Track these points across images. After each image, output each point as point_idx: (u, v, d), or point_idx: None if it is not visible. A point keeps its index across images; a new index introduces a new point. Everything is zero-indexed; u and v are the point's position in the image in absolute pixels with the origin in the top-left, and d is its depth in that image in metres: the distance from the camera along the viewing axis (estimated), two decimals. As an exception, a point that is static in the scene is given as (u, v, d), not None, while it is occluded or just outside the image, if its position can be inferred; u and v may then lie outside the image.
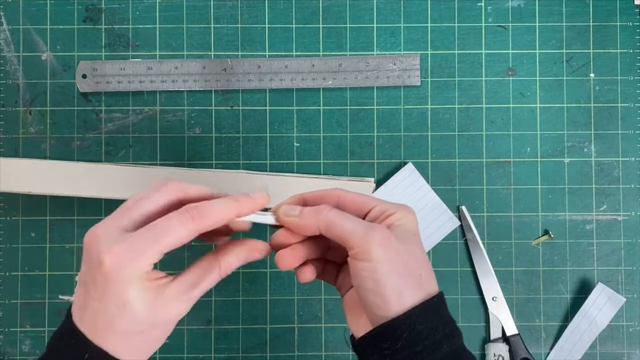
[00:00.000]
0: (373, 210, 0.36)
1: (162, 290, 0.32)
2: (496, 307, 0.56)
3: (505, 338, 0.56)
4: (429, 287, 0.35)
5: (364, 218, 0.36)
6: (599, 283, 0.56)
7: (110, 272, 0.31)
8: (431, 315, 0.34)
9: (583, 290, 0.57)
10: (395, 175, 0.56)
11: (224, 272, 0.35)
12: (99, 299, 0.32)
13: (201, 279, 0.34)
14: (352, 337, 0.37)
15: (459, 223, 0.57)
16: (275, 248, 0.37)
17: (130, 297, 0.31)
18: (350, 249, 0.34)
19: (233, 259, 0.35)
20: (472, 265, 0.57)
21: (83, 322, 0.33)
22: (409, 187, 0.56)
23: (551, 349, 0.57)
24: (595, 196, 0.57)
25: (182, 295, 0.33)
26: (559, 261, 0.57)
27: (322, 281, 0.39)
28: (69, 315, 0.34)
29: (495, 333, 0.56)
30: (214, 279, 0.35)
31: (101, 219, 0.56)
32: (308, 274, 0.38)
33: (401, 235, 0.35)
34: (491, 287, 0.56)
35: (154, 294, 0.32)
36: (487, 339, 0.57)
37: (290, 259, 0.37)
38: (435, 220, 0.56)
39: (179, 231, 0.32)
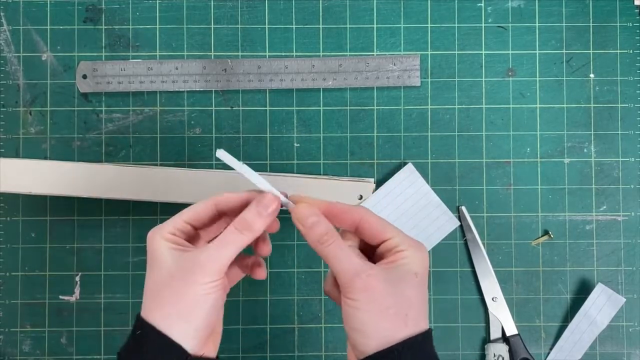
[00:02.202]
0: (387, 242, 0.38)
1: (188, 250, 0.38)
2: (496, 308, 0.56)
3: (505, 338, 0.56)
4: (415, 326, 0.36)
5: (378, 246, 0.39)
6: (599, 283, 0.56)
7: (147, 241, 0.38)
8: (415, 352, 0.35)
9: (583, 291, 0.57)
10: (395, 175, 0.56)
11: (239, 226, 0.38)
12: (147, 269, 0.38)
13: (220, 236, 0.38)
14: None
15: (459, 223, 0.57)
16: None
17: (159, 250, 0.37)
18: (340, 285, 0.37)
19: (247, 214, 0.38)
20: (472, 265, 0.57)
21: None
22: (409, 188, 0.56)
23: (551, 349, 0.57)
24: (595, 196, 0.57)
25: (203, 251, 0.37)
26: (559, 261, 0.57)
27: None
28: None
29: (495, 333, 0.56)
30: (233, 234, 0.38)
31: (101, 219, 0.56)
32: None
33: (398, 274, 0.37)
34: (491, 287, 0.56)
35: (180, 252, 0.37)
36: (487, 339, 0.57)
37: None
38: (435, 220, 0.56)
39: (198, 205, 0.39)
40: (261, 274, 0.42)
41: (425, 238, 0.56)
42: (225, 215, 0.41)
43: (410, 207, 0.56)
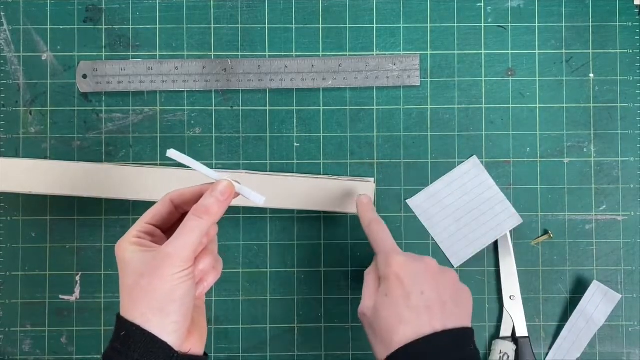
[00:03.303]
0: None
1: (154, 249, 0.39)
2: (512, 306, 0.56)
3: (514, 338, 0.56)
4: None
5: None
6: (594, 281, 0.56)
7: (115, 251, 0.40)
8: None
9: (583, 290, 0.57)
10: (459, 166, 0.56)
11: (197, 212, 0.39)
12: (119, 276, 0.39)
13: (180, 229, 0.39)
14: None
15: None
16: None
17: (126, 255, 0.39)
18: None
19: (204, 200, 0.40)
20: (497, 264, 0.57)
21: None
22: (471, 180, 0.56)
23: (550, 348, 0.57)
24: (594, 196, 0.57)
25: (168, 244, 0.38)
26: (559, 261, 0.57)
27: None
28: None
29: (505, 331, 0.56)
30: (192, 220, 0.39)
31: (101, 219, 0.57)
32: None
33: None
34: (511, 285, 0.56)
35: (147, 252, 0.38)
36: (496, 336, 0.57)
37: None
38: (496, 216, 0.56)
39: (156, 205, 0.41)
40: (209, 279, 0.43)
41: (483, 233, 0.56)
42: (184, 212, 0.42)
43: (471, 200, 0.56)
